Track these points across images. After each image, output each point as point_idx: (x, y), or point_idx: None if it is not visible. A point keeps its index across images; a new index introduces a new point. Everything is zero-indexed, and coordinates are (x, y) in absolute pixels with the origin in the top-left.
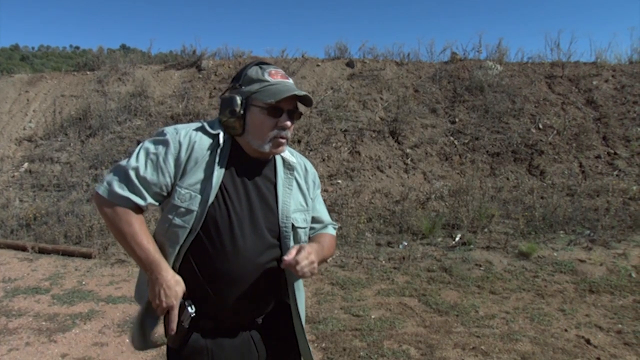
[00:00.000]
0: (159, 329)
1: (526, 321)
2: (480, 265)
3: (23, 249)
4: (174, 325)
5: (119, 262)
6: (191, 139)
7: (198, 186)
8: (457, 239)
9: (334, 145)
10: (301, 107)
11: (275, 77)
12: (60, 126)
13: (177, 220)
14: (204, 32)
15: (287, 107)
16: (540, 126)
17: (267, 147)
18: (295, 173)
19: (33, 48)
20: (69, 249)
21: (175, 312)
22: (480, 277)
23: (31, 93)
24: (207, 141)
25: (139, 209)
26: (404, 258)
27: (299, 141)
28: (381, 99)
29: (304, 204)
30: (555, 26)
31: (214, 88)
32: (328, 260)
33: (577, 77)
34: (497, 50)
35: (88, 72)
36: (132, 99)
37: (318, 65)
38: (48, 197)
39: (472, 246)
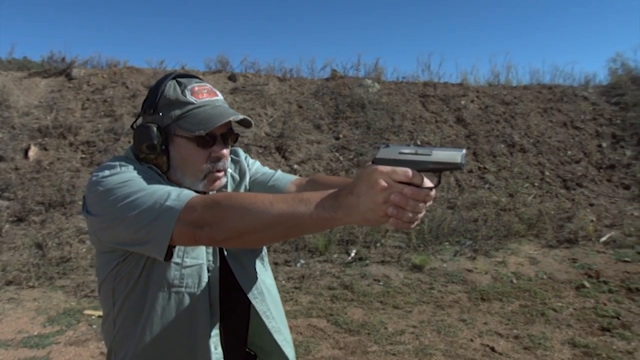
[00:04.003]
0: None
1: (434, 334)
2: (379, 280)
3: None
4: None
5: None
6: (138, 168)
7: None
8: (352, 254)
9: None
10: (236, 127)
11: (200, 96)
12: None
13: (189, 261)
14: (75, 38)
15: (219, 132)
16: (419, 142)
17: (201, 186)
18: (229, 179)
19: None
20: None
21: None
22: (381, 292)
23: None
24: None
25: None
26: (303, 277)
27: None
28: (266, 114)
29: None
30: (426, 48)
31: (87, 99)
32: None
33: (447, 96)
34: (374, 69)
35: None
36: None
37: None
38: None
39: (367, 261)
